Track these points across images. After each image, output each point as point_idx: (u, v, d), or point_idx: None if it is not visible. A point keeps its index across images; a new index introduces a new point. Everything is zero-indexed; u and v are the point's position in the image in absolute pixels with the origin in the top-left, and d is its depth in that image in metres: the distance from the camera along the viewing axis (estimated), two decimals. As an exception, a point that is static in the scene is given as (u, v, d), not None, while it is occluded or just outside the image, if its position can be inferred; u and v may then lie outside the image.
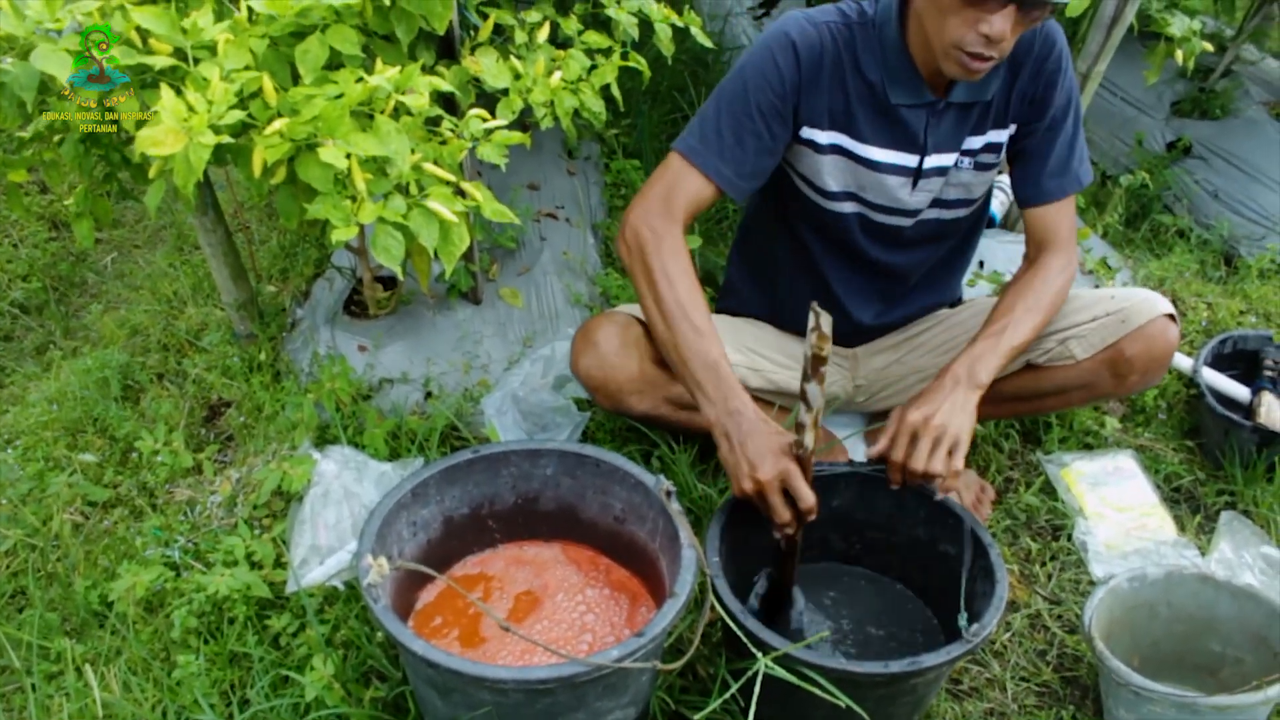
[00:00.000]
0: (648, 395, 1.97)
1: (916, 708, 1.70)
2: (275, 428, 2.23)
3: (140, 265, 3.14)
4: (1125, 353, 1.93)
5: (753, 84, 1.79)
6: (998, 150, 1.89)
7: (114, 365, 2.53)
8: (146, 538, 2.05)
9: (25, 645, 1.88)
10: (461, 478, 1.78)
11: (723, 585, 1.61)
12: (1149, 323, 1.91)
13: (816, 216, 1.97)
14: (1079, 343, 1.96)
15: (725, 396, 1.67)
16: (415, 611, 1.76)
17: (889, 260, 2.02)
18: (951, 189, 1.92)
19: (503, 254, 2.64)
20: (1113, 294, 1.98)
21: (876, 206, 1.92)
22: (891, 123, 1.83)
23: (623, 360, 1.92)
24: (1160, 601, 1.85)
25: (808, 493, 1.60)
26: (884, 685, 1.56)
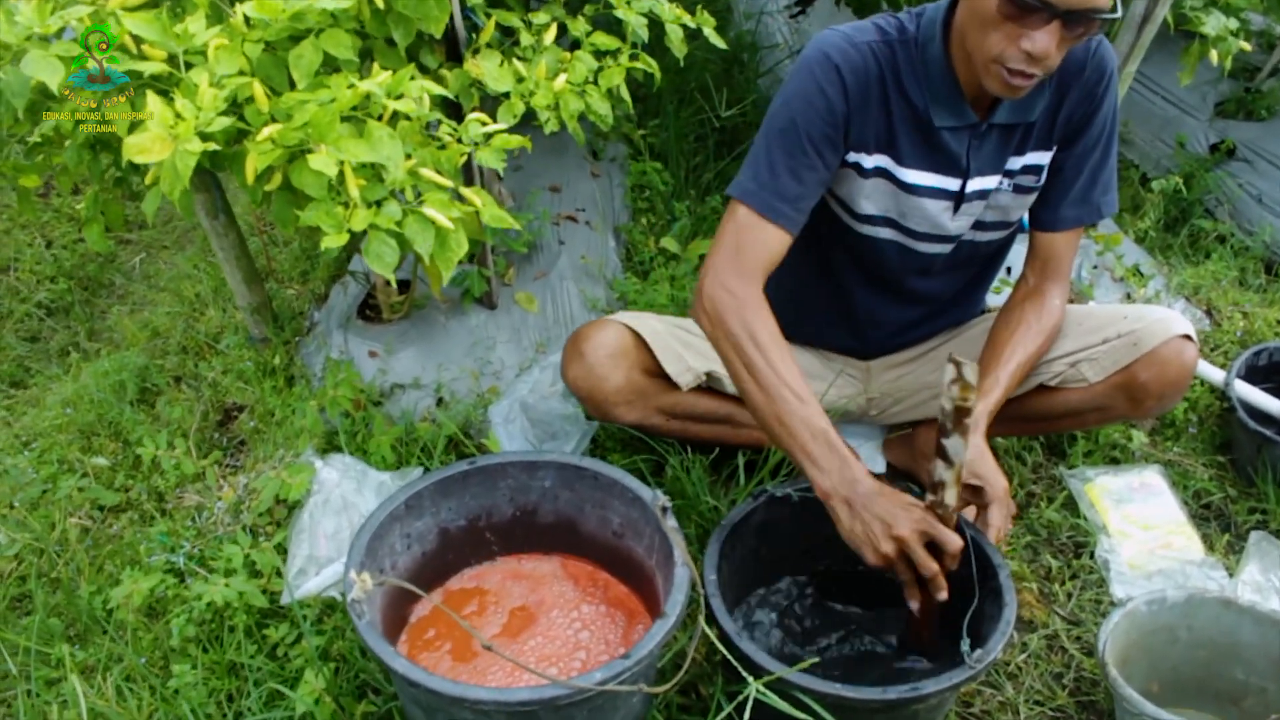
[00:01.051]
0: (637, 405, 1.93)
1: None
2: (284, 433, 2.22)
3: (166, 267, 3.16)
4: (1139, 377, 1.85)
5: (801, 116, 1.70)
6: (1038, 173, 1.81)
7: (131, 368, 2.54)
8: (152, 543, 2.04)
9: (24, 651, 1.88)
10: (457, 489, 1.75)
11: (718, 605, 1.57)
12: (1162, 345, 1.83)
13: (848, 240, 1.90)
14: (1090, 366, 1.88)
15: (840, 466, 1.57)
16: (410, 624, 1.73)
17: (920, 286, 1.97)
18: (990, 211, 1.85)
19: (519, 258, 2.61)
20: (1125, 313, 1.90)
21: (915, 234, 1.85)
22: (933, 146, 1.76)
23: (609, 371, 1.88)
24: (1180, 626, 1.77)
25: (953, 536, 1.53)
26: (882, 711, 1.51)
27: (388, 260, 1.69)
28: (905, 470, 2.24)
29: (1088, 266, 2.63)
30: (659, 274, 2.67)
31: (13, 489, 2.22)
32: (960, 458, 1.54)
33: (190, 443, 2.29)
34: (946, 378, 1.48)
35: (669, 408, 1.96)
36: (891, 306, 2.01)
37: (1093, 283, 2.60)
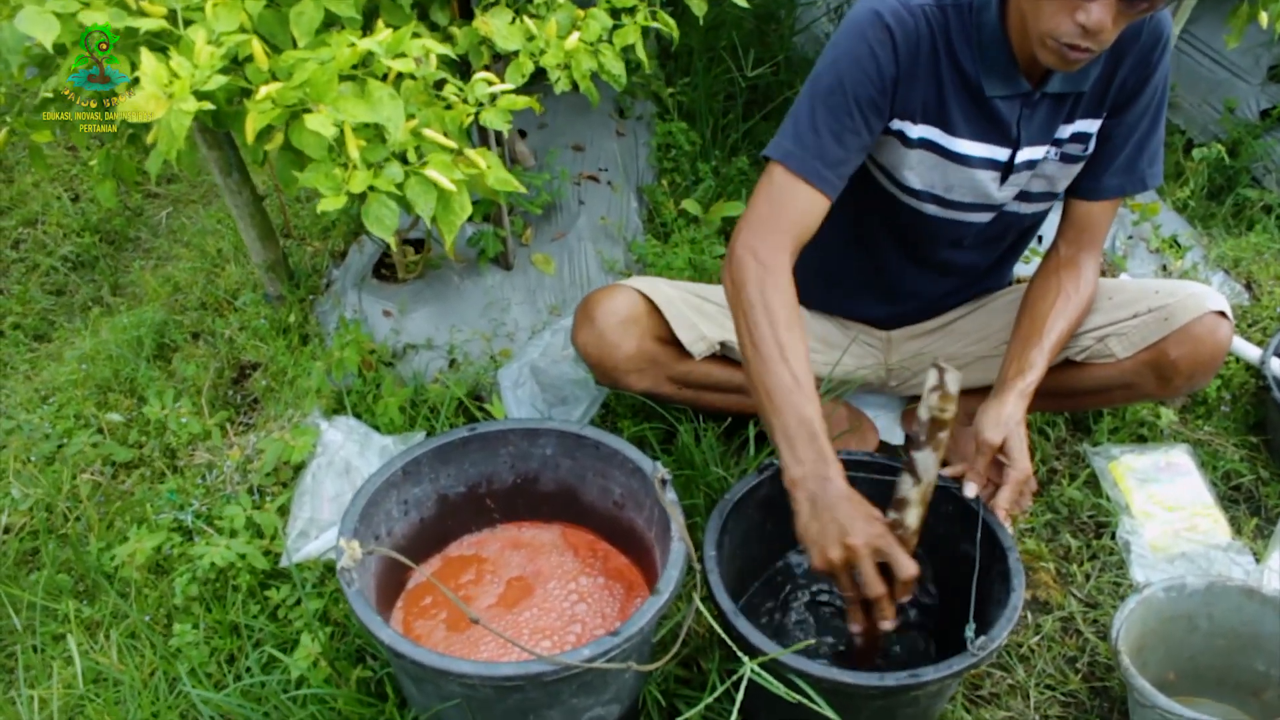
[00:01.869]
0: (648, 373, 1.89)
1: (921, 718, 1.60)
2: (294, 393, 2.21)
3: (191, 222, 3.15)
4: (1169, 354, 1.77)
5: (849, 78, 1.62)
6: (1085, 141, 1.73)
7: (150, 324, 2.54)
8: (161, 501, 2.04)
9: (31, 606, 1.89)
10: (457, 456, 1.72)
11: (715, 581, 1.53)
12: (1194, 321, 1.75)
13: (889, 210, 1.84)
14: (1119, 341, 1.81)
15: (817, 460, 1.50)
16: (407, 590, 1.72)
17: (956, 257, 1.91)
18: (1036, 181, 1.78)
19: (538, 218, 2.57)
20: (1157, 288, 1.82)
21: (959, 205, 1.78)
22: (985, 115, 1.69)
23: (620, 338, 1.83)
24: (1200, 614, 1.71)
25: (908, 561, 1.46)
26: (880, 697, 1.47)
27: (387, 223, 1.65)
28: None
29: (1122, 237, 2.54)
30: (679, 237, 2.61)
31: (27, 444, 2.23)
32: (930, 475, 1.49)
33: (203, 400, 2.28)
34: (928, 384, 1.43)
35: (681, 376, 1.92)
36: (924, 277, 1.95)
37: (1127, 254, 2.50)
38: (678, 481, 1.95)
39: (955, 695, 1.75)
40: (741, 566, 1.77)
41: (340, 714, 1.64)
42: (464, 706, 1.45)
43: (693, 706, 1.57)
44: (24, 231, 3.15)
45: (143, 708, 1.71)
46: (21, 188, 3.31)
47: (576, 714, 1.48)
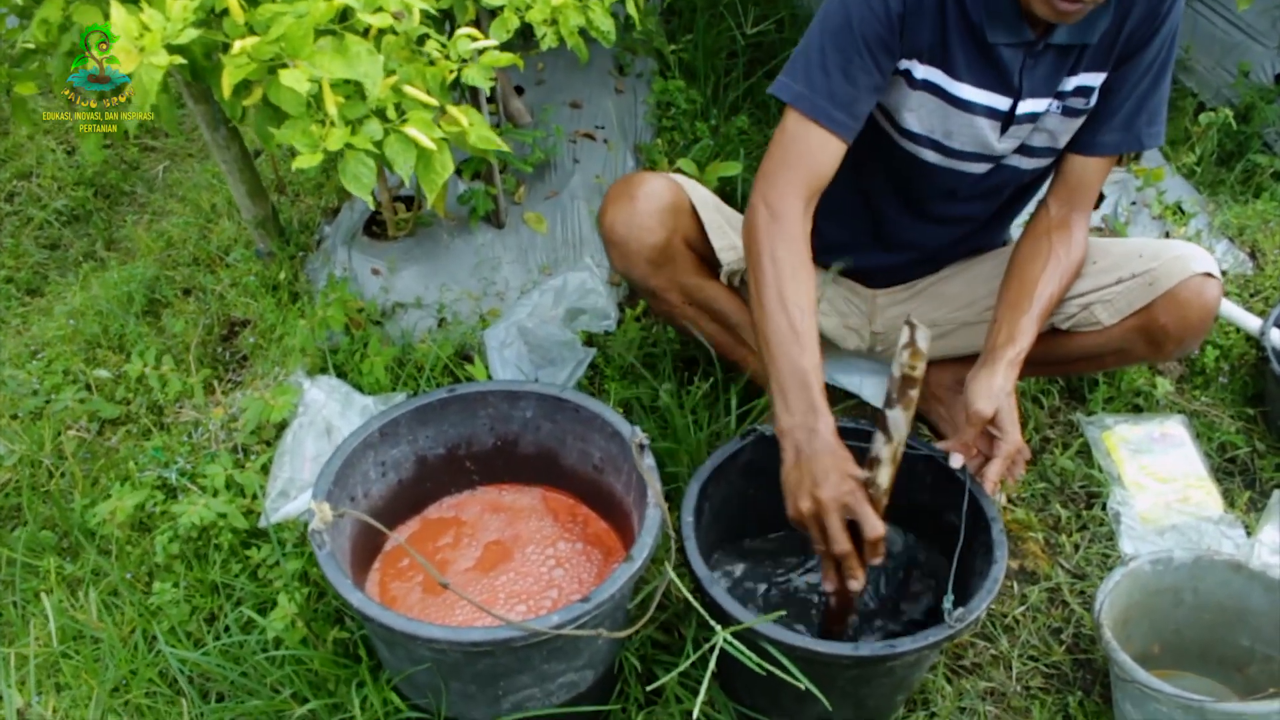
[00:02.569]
0: (665, 272, 1.86)
1: (898, 689, 1.59)
2: (281, 351, 2.19)
3: (187, 176, 3.12)
4: (1157, 320, 1.73)
5: (857, 16, 1.59)
6: (1088, 95, 1.68)
7: (140, 279, 2.53)
8: (146, 459, 2.03)
9: (10, 562, 1.89)
10: (436, 417, 1.71)
11: (692, 549, 1.52)
12: (1180, 285, 1.70)
13: (887, 154, 1.79)
14: (1104, 308, 1.77)
15: (807, 411, 1.50)
16: (385, 552, 1.71)
17: (954, 210, 1.86)
18: (1038, 135, 1.73)
19: (531, 176, 2.53)
20: (1141, 250, 1.77)
21: (958, 153, 1.74)
22: (987, 61, 1.64)
23: (656, 224, 1.79)
24: (1186, 588, 1.69)
25: (876, 521, 1.45)
26: (855, 668, 1.46)
27: (364, 181, 1.62)
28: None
29: (1125, 202, 2.49)
30: (676, 197, 2.58)
31: (13, 399, 2.22)
32: (901, 433, 1.46)
33: (190, 357, 2.27)
34: (900, 342, 1.40)
35: (692, 290, 1.89)
36: (919, 226, 1.90)
37: (1129, 220, 2.45)
38: (661, 448, 1.93)
39: (936, 665, 1.74)
40: (723, 534, 1.76)
41: (316, 674, 1.64)
42: (434, 670, 1.44)
43: (669, 671, 1.56)
44: (18, 184, 3.13)
45: (120, 665, 1.71)
46: (16, 140, 3.29)
47: (549, 679, 1.47)
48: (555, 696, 1.50)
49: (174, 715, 1.67)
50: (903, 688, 1.60)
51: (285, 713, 1.62)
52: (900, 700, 1.64)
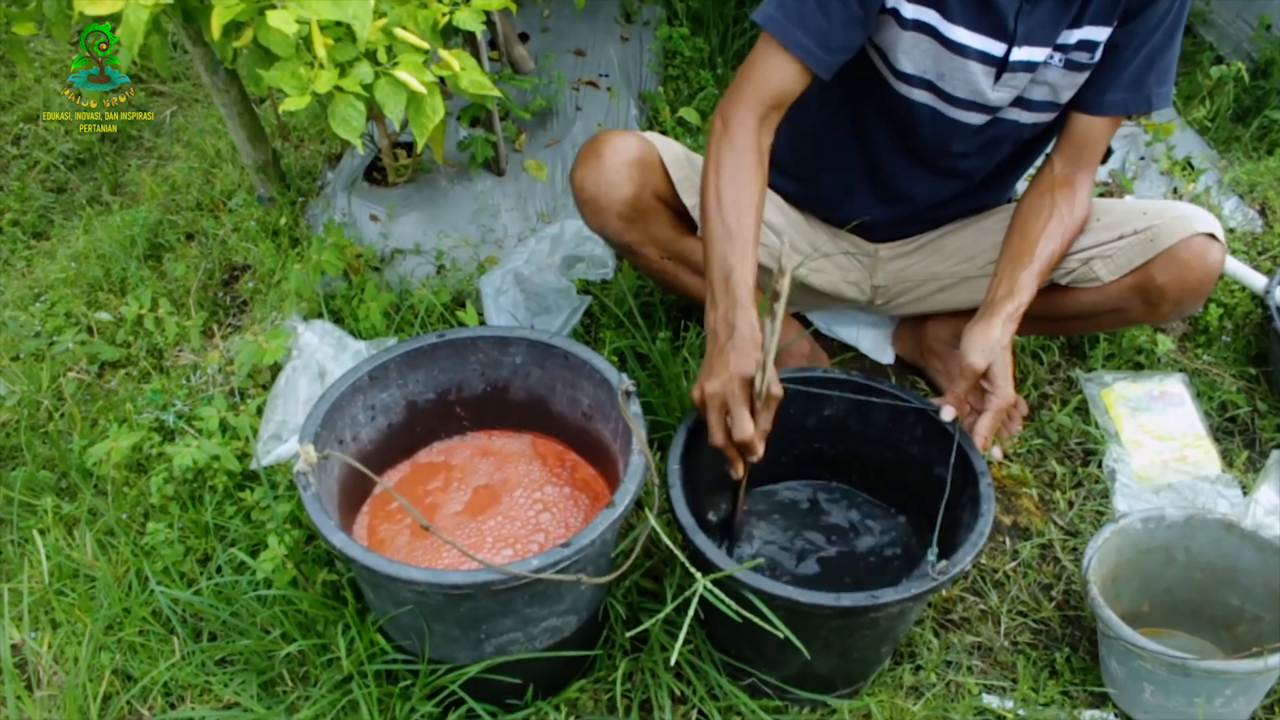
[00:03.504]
0: (637, 226, 1.83)
1: (883, 641, 1.59)
2: (278, 295, 2.20)
3: (194, 121, 3.12)
4: (1155, 279, 1.70)
5: None
6: (1091, 50, 1.64)
7: (143, 223, 2.53)
8: (144, 401, 2.04)
9: (9, 501, 1.91)
10: (425, 362, 1.70)
11: (676, 496, 1.51)
12: (1180, 244, 1.67)
13: (883, 99, 1.76)
14: (1104, 264, 1.75)
15: (729, 307, 1.50)
16: (373, 496, 1.71)
17: (953, 163, 1.83)
18: (1037, 88, 1.69)
19: (532, 124, 2.52)
20: (1145, 208, 1.74)
21: (953, 99, 1.70)
22: (982, 5, 1.61)
23: (623, 179, 1.77)
24: (1178, 546, 1.68)
25: (746, 422, 1.45)
26: (837, 618, 1.45)
27: (353, 125, 1.62)
28: (913, 362, 2.15)
29: (1133, 157, 2.45)
30: (678, 146, 2.55)
31: (14, 341, 2.23)
32: (770, 342, 1.42)
33: (190, 301, 2.28)
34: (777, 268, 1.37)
35: (668, 243, 1.87)
36: (918, 176, 1.87)
37: (1136, 175, 2.41)
38: (654, 398, 1.92)
39: (924, 619, 1.74)
40: (712, 482, 1.75)
41: (305, 615, 1.65)
42: (417, 612, 1.45)
43: (655, 620, 1.57)
44: (25, 127, 3.13)
45: (114, 604, 1.73)
46: (23, 83, 3.29)
47: (531, 623, 1.48)
48: (538, 641, 1.51)
49: (166, 653, 1.69)
50: (887, 640, 1.60)
51: (274, 652, 1.63)
52: (886, 652, 1.64)
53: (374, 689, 1.55)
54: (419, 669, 1.53)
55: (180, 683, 1.67)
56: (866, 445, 1.76)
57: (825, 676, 1.58)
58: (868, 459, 1.78)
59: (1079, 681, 1.66)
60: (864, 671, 1.63)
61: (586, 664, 1.65)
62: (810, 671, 1.55)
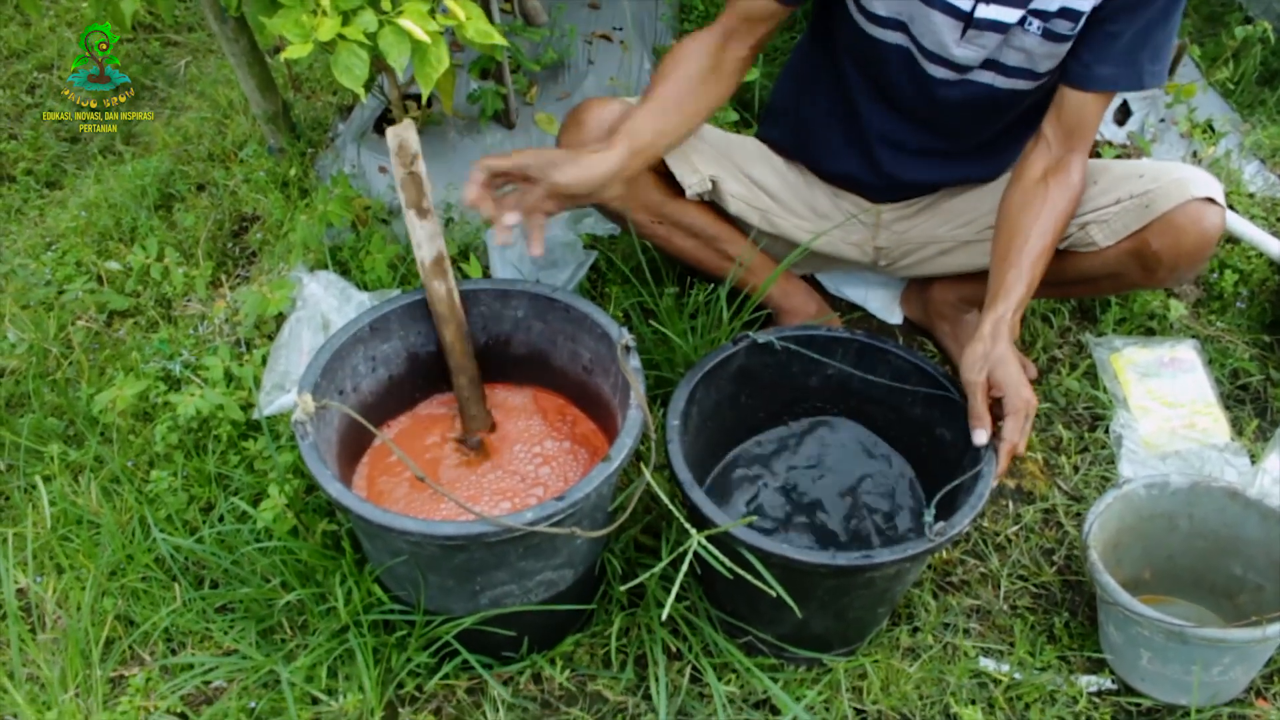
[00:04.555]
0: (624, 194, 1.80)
1: (879, 601, 1.58)
2: (285, 246, 2.19)
3: (208, 71, 3.10)
4: (1150, 245, 1.66)
5: None
6: (1075, 19, 1.58)
7: (154, 173, 2.52)
8: (152, 350, 2.05)
9: (16, 447, 1.92)
10: (427, 314, 1.69)
11: (675, 451, 1.51)
12: (1177, 209, 1.63)
13: (860, 45, 1.73)
14: (1100, 229, 1.70)
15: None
16: (373, 447, 1.71)
17: (932, 115, 1.78)
18: (1012, 53, 1.64)
19: (543, 76, 2.49)
20: (1142, 171, 1.69)
21: (924, 50, 1.67)
22: None
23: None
24: (1181, 514, 1.66)
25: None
26: (833, 577, 1.45)
27: (356, 74, 1.59)
28: (920, 324, 2.13)
29: (1152, 119, 2.41)
30: (692, 102, 2.52)
31: (24, 289, 2.24)
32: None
33: (199, 251, 2.28)
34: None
35: (657, 206, 1.84)
36: (903, 131, 1.82)
37: (1155, 137, 2.37)
38: (659, 354, 1.91)
39: (923, 580, 1.73)
40: (712, 439, 1.75)
41: (304, 565, 1.66)
42: (412, 563, 1.46)
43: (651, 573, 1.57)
44: (39, 76, 3.13)
45: (117, 550, 1.75)
46: (38, 31, 3.28)
47: (526, 576, 1.48)
48: (534, 594, 1.51)
49: (168, 600, 1.70)
50: (884, 600, 1.59)
51: (273, 600, 1.64)
52: (883, 613, 1.64)
53: (370, 639, 1.56)
54: (415, 619, 1.54)
55: (181, 629, 1.68)
56: (868, 405, 1.75)
57: (821, 635, 1.58)
58: (871, 418, 1.77)
59: (1077, 647, 1.65)
60: (860, 632, 1.63)
61: (583, 618, 1.66)
62: (806, 630, 1.55)
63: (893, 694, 1.58)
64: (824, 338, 1.70)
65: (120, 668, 1.66)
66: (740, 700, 1.58)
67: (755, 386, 1.73)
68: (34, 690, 1.59)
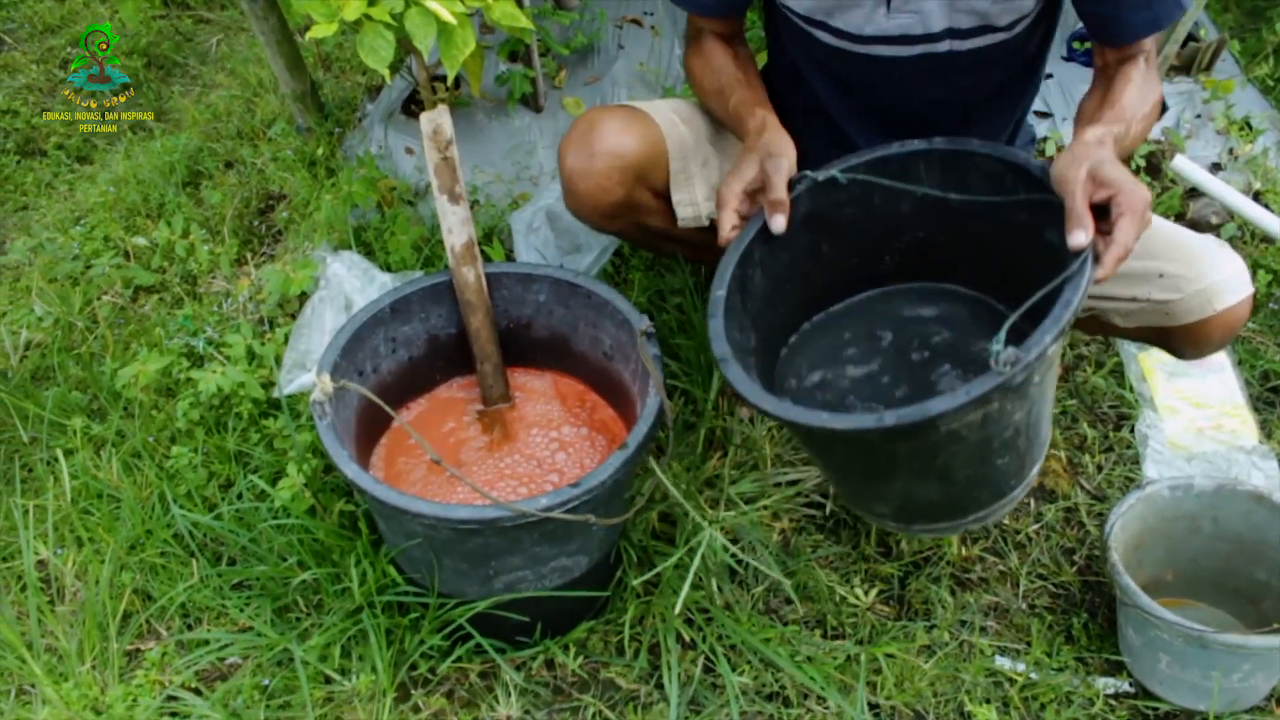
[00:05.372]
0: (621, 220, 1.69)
1: (986, 454, 1.32)
2: (310, 225, 2.20)
3: (240, 49, 3.11)
4: (1172, 341, 1.58)
5: None
6: None
7: (183, 150, 2.53)
8: (176, 326, 2.06)
9: (39, 420, 1.94)
10: (448, 297, 1.69)
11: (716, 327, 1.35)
12: (1201, 321, 1.51)
13: (803, 45, 1.61)
14: (1118, 317, 1.60)
15: (758, 129, 1.49)
16: (391, 429, 1.71)
17: (904, 101, 1.61)
18: (961, 16, 1.47)
19: (572, 60, 2.48)
20: (1163, 268, 1.52)
21: (855, 36, 1.53)
22: None
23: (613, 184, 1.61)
24: (1205, 516, 1.64)
25: (723, 222, 1.44)
26: (894, 441, 1.26)
27: (381, 55, 1.60)
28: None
29: (1189, 114, 2.36)
30: (721, 89, 2.51)
31: (52, 263, 2.25)
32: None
33: (225, 229, 2.28)
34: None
35: (654, 233, 1.75)
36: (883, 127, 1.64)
37: (1191, 134, 2.33)
38: (681, 340, 1.90)
39: (940, 577, 1.71)
40: (798, 300, 1.56)
41: (321, 544, 1.66)
42: (427, 546, 1.46)
43: (666, 564, 1.57)
44: (72, 51, 3.14)
45: (136, 525, 1.76)
46: (72, 6, 3.29)
47: (541, 561, 1.48)
48: (548, 580, 1.51)
49: (185, 575, 1.71)
50: (996, 453, 1.33)
51: (289, 579, 1.65)
52: (1009, 464, 1.37)
53: (384, 620, 1.56)
54: (429, 602, 1.54)
55: (197, 605, 1.69)
56: (973, 220, 1.46)
57: (940, 504, 1.41)
58: (975, 241, 1.49)
59: (1095, 648, 1.63)
60: (994, 491, 1.41)
61: (597, 605, 1.65)
62: (916, 501, 1.40)
63: (907, 690, 1.57)
64: (899, 156, 1.45)
65: (137, 641, 1.67)
66: (754, 692, 1.57)
67: (835, 232, 1.50)
68: (51, 661, 1.61)
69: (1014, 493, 1.43)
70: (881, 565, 1.73)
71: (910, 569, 1.74)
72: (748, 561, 1.66)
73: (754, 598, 1.68)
